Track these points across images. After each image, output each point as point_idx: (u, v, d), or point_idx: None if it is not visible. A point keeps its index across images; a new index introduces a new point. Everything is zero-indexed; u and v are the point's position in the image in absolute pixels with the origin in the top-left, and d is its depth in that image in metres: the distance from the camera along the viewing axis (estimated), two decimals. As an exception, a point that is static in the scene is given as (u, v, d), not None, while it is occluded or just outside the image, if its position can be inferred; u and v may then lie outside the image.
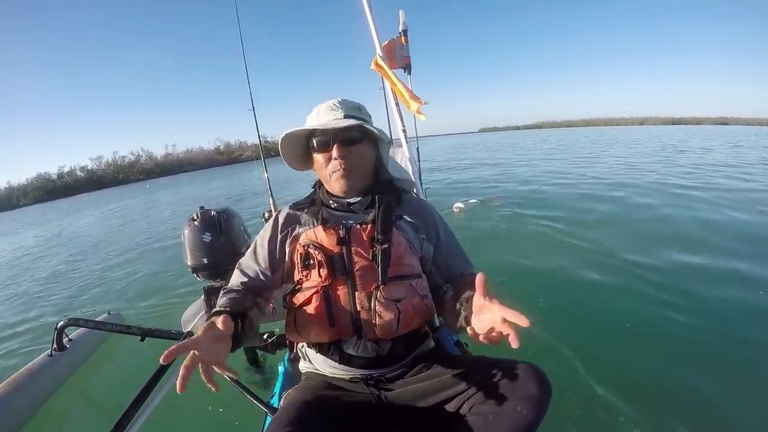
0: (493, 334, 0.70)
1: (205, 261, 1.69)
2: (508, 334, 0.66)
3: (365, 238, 0.95)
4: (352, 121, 0.97)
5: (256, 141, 2.84)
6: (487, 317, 0.72)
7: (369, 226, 0.96)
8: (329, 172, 1.00)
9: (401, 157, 2.03)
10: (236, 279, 1.06)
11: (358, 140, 0.99)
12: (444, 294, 0.99)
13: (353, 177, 1.00)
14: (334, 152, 0.97)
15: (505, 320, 0.68)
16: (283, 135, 1.02)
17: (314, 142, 1.00)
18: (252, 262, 1.06)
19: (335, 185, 1.01)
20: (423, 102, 1.82)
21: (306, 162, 1.08)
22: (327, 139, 0.98)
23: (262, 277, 1.04)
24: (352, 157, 0.98)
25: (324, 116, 1.01)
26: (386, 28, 2.18)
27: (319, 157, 1.01)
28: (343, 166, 0.98)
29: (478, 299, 0.74)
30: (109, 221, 12.66)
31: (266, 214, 2.48)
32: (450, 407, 0.86)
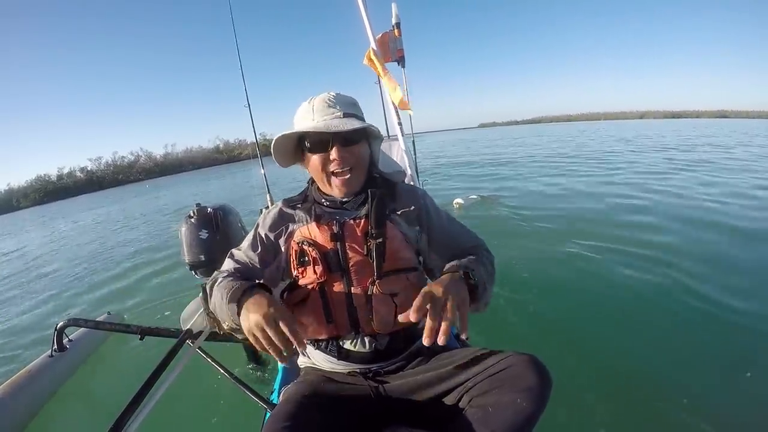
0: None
1: (203, 258, 1.69)
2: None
3: (359, 233, 0.94)
4: (355, 123, 0.92)
5: (254, 138, 2.83)
6: None
7: (362, 220, 0.95)
8: (326, 172, 0.97)
9: (397, 151, 2.02)
10: (228, 265, 1.01)
11: (357, 140, 0.96)
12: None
13: (354, 178, 0.97)
14: (334, 153, 0.93)
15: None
16: (279, 136, 0.97)
17: (309, 142, 0.96)
18: (243, 254, 1.03)
19: (335, 187, 0.98)
20: (408, 107, 1.83)
21: (293, 158, 1.05)
22: (326, 139, 0.93)
23: (252, 266, 1.01)
24: (352, 158, 0.95)
25: (320, 113, 0.95)
26: (379, 21, 2.17)
27: (315, 158, 0.96)
28: (342, 167, 0.95)
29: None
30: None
31: (263, 211, 2.47)
32: (449, 400, 0.86)
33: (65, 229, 13.23)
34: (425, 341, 0.69)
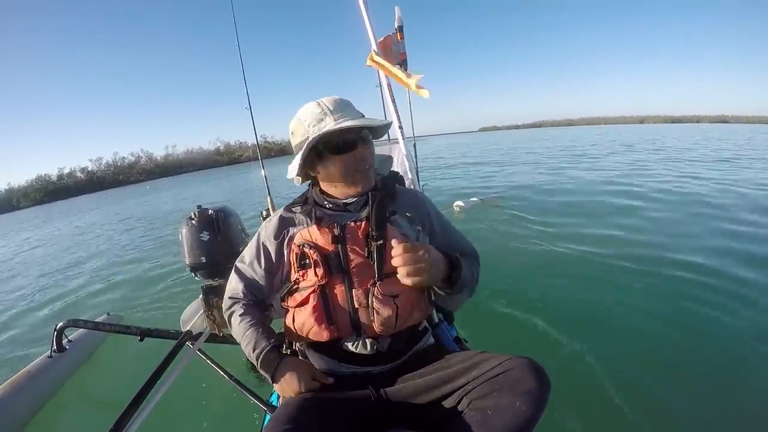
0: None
1: (204, 260, 1.69)
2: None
3: (360, 236, 0.95)
4: (380, 120, 0.98)
5: (255, 141, 2.82)
6: None
7: (363, 223, 0.96)
8: (352, 171, 0.97)
9: (398, 154, 2.03)
10: (237, 286, 1.06)
11: (370, 138, 1.01)
12: None
13: (372, 173, 1.01)
14: (361, 150, 0.96)
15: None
16: (322, 132, 0.93)
17: (340, 142, 0.95)
18: (249, 269, 1.06)
19: (359, 184, 0.99)
20: (419, 76, 1.81)
21: (305, 174, 1.04)
22: (354, 138, 0.95)
23: (262, 283, 1.05)
24: (372, 155, 1.00)
25: (338, 114, 0.95)
26: (382, 24, 2.17)
27: (340, 159, 0.96)
28: (366, 164, 0.98)
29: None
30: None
31: (264, 213, 2.47)
32: (448, 403, 0.86)
33: (65, 230, 13.22)
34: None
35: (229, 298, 1.07)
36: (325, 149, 0.96)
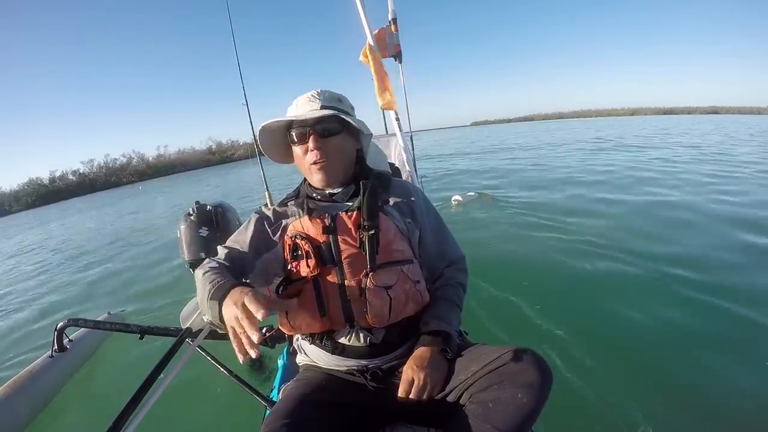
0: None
1: (203, 256, 1.68)
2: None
3: (351, 226, 0.94)
4: (327, 112, 0.94)
5: (248, 139, 2.80)
6: None
7: (355, 213, 0.95)
8: (307, 164, 0.98)
9: (395, 147, 2.03)
10: (221, 253, 1.02)
11: (336, 132, 0.96)
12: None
13: (331, 169, 0.98)
14: (311, 143, 0.95)
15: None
16: (261, 127, 1.00)
17: (292, 134, 0.98)
18: (236, 243, 1.03)
19: (314, 177, 0.99)
20: (392, 105, 1.86)
21: (287, 155, 1.06)
22: (304, 130, 0.95)
23: (244, 253, 1.00)
24: (330, 149, 0.96)
25: (302, 107, 0.98)
26: (377, 17, 2.16)
27: (297, 150, 0.99)
28: (319, 158, 0.96)
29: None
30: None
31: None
32: (449, 397, 0.86)
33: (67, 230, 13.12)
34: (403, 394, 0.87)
35: (208, 259, 1.01)
36: (291, 139, 0.99)
